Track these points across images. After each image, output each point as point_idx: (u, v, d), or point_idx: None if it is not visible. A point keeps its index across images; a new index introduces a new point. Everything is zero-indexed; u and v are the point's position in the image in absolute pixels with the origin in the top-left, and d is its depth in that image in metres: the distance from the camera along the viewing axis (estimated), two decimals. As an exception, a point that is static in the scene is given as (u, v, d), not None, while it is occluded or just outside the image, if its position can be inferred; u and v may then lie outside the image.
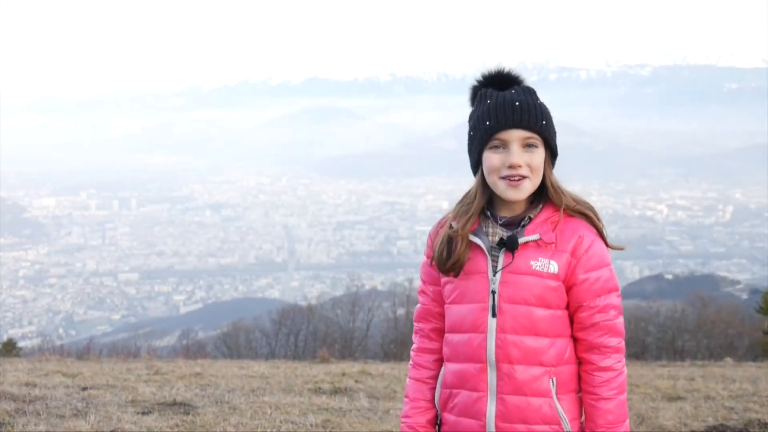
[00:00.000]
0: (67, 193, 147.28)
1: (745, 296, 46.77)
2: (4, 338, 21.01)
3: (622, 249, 1.99)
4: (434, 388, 2.06)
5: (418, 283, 2.21)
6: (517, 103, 1.89)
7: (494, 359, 1.89)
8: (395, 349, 23.35)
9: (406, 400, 2.10)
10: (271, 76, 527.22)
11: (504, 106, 1.89)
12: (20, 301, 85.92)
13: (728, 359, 14.10)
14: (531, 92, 1.93)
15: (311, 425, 5.00)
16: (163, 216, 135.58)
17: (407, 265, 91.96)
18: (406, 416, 2.07)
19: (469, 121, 1.97)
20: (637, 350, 23.10)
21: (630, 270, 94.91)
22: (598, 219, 1.96)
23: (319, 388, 6.89)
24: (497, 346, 1.89)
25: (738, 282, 61.44)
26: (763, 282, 57.09)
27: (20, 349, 18.29)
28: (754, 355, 18.93)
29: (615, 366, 1.89)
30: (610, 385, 1.88)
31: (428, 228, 2.14)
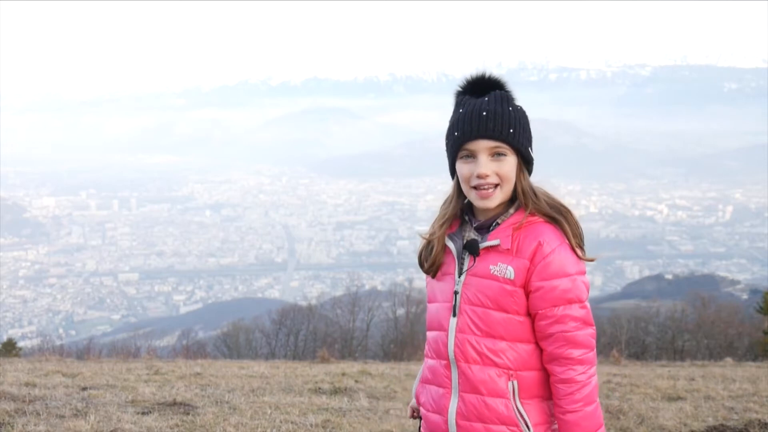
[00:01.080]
0: (67, 193, 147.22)
1: (745, 296, 46.71)
2: (4, 338, 20.98)
3: (592, 260, 1.95)
4: None
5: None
6: (484, 113, 1.88)
7: (454, 357, 1.95)
8: (395, 349, 23.38)
9: None
10: (271, 76, 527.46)
11: (471, 116, 1.89)
12: (20, 301, 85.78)
13: (728, 359, 14.11)
14: (505, 99, 1.91)
15: (311, 425, 5.00)
16: (163, 216, 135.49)
17: (407, 265, 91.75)
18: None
19: (447, 128, 2.01)
20: (637, 350, 23.11)
21: (630, 270, 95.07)
22: (570, 226, 1.92)
23: (319, 388, 6.88)
24: (455, 344, 1.94)
25: (738, 282, 61.35)
26: (763, 282, 57.17)
27: (20, 349, 18.27)
28: (754, 355, 18.89)
29: (577, 378, 1.87)
30: (573, 398, 1.87)
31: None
